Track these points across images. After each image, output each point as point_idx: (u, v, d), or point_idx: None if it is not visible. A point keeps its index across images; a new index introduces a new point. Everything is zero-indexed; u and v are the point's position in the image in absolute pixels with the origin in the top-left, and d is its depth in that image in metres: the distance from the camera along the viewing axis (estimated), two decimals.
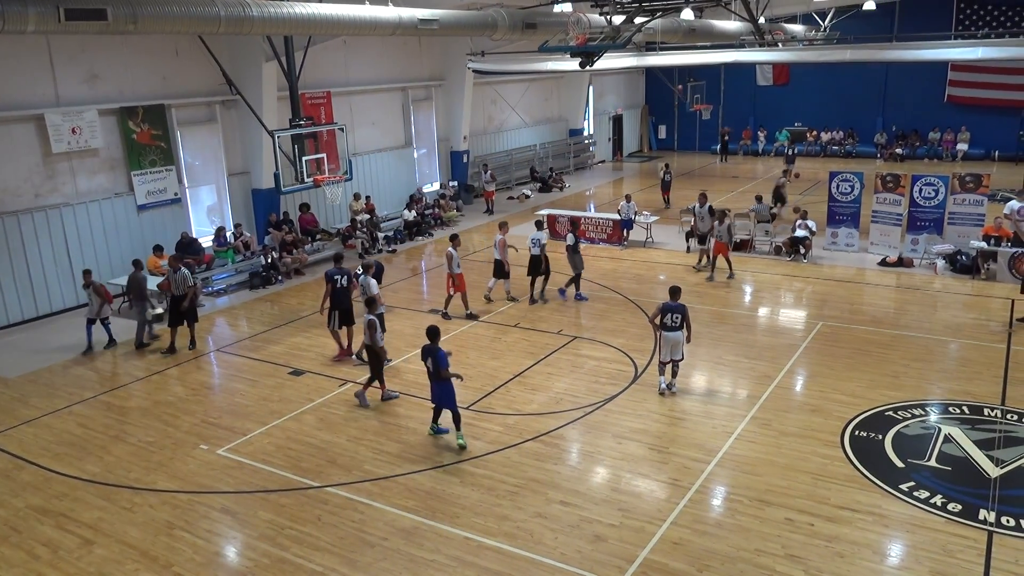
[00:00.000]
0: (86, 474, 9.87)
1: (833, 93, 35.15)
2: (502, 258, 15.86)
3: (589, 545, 8.00)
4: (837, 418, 10.51)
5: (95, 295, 13.89)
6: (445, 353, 9.96)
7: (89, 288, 13.90)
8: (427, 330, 10.13)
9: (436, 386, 10.12)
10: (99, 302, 13.92)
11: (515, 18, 17.79)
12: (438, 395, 10.17)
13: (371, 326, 11.18)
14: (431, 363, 9.97)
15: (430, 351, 9.98)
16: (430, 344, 10.01)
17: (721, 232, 17.01)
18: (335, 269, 13.17)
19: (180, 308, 13.87)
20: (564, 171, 32.86)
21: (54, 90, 15.84)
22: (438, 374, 9.90)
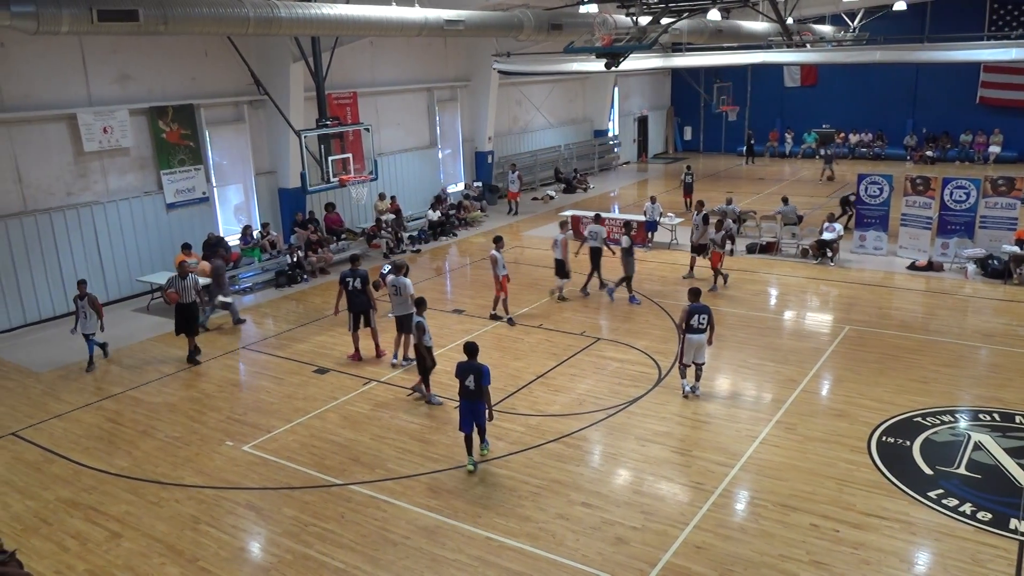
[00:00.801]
0: (114, 468, 10.02)
1: (862, 94, 34.74)
2: (563, 258, 15.97)
3: (611, 547, 7.97)
4: (864, 423, 10.39)
5: (91, 308, 13.10)
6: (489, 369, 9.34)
7: (84, 300, 13.08)
8: (466, 346, 9.48)
9: (471, 406, 9.34)
10: (95, 315, 13.14)
11: (541, 19, 17.78)
12: (472, 415, 9.37)
13: (420, 328, 11.05)
14: (473, 381, 9.22)
15: (472, 368, 9.27)
16: (471, 361, 9.34)
17: (716, 240, 16.59)
18: (348, 271, 13.12)
19: (188, 315, 13.45)
20: (589, 172, 32.79)
21: (86, 90, 16.10)
22: (480, 392, 9.22)
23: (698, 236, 17.14)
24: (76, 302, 13.18)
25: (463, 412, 9.45)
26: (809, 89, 36.27)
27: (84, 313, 13.07)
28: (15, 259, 15.22)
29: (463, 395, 9.39)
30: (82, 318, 13.11)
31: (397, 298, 12.60)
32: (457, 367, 9.43)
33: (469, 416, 9.41)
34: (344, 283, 13.03)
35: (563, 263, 15.95)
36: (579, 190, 29.64)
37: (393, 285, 12.64)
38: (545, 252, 20.36)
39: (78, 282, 13.39)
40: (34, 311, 15.64)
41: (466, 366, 9.35)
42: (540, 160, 30.74)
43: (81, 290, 13.16)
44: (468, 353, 9.43)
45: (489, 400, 9.37)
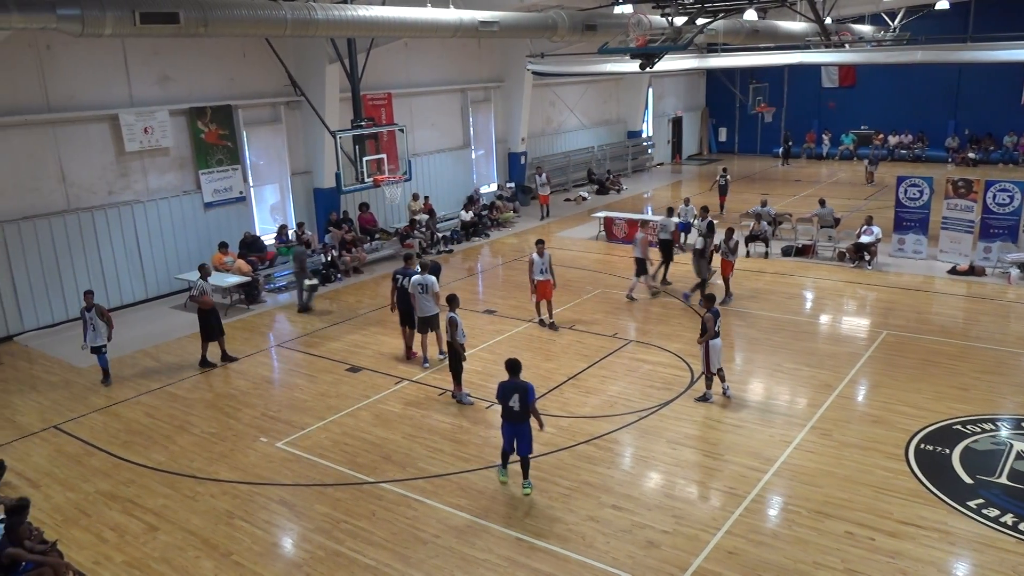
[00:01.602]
0: (152, 462, 10.20)
1: (902, 95, 34.11)
2: (643, 256, 16.08)
3: (641, 551, 7.93)
4: (901, 430, 10.20)
5: (99, 319, 12.50)
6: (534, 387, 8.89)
7: (92, 311, 12.44)
8: (508, 364, 8.96)
9: (514, 427, 8.86)
10: (105, 327, 12.56)
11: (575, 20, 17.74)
12: (515, 438, 8.91)
13: (451, 323, 11.13)
14: (518, 400, 8.70)
15: (518, 387, 8.74)
16: (515, 379, 8.83)
17: (726, 250, 15.69)
18: (400, 269, 13.43)
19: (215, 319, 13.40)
20: (622, 173, 32.65)
21: (128, 91, 16.43)
22: (525, 412, 8.76)
23: (702, 243, 16.45)
24: (83, 314, 12.55)
25: (505, 431, 8.99)
26: (847, 90, 35.70)
27: (92, 325, 12.44)
28: (58, 256, 15.58)
29: (507, 417, 8.84)
30: (90, 331, 12.48)
31: (423, 296, 12.63)
32: (499, 388, 8.89)
33: (511, 437, 8.94)
34: (395, 280, 13.28)
35: (644, 261, 16.13)
36: (612, 191, 29.52)
37: (420, 284, 12.65)
38: (577, 253, 20.34)
39: (84, 293, 12.85)
40: (76, 307, 15.91)
41: (510, 385, 8.81)
42: (573, 161, 30.67)
43: (88, 301, 12.59)
44: (511, 370, 8.89)
45: (537, 414, 8.92)
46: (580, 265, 19.13)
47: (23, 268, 15.12)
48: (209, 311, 13.27)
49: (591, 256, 20.21)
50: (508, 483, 9.20)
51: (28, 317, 15.32)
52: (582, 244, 21.55)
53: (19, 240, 15.01)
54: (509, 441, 9.01)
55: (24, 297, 15.21)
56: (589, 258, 20.02)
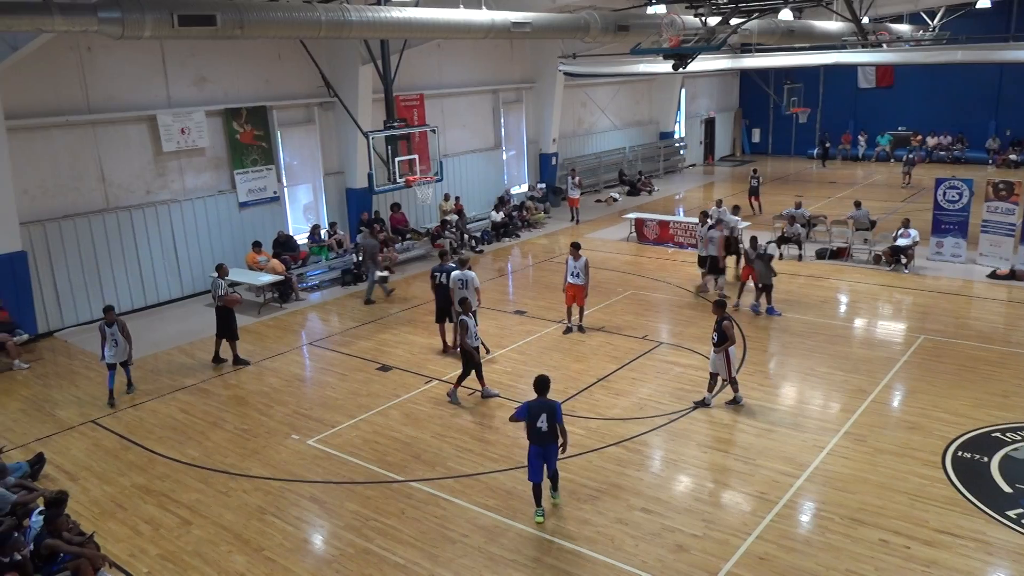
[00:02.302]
0: (186, 457, 10.37)
1: (941, 96, 33.46)
2: (718, 254, 16.27)
3: (671, 554, 7.87)
4: (938, 437, 10.01)
5: (121, 334, 12.04)
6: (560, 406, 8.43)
7: (114, 326, 11.93)
8: (537, 382, 8.47)
9: (543, 451, 8.39)
10: (126, 344, 12.15)
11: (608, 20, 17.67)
12: (544, 460, 8.42)
13: (463, 326, 11.23)
14: (546, 420, 8.25)
15: (546, 407, 8.30)
16: (543, 398, 8.38)
17: (750, 256, 15.31)
18: (437, 266, 13.71)
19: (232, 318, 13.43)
20: (653, 174, 32.45)
21: (166, 92, 16.72)
22: (553, 435, 8.34)
23: (715, 249, 16.29)
24: (103, 330, 11.93)
25: (533, 459, 8.42)
26: (884, 90, 35.12)
27: (114, 340, 11.95)
28: (97, 254, 15.90)
29: (534, 439, 8.34)
30: (111, 346, 11.96)
31: (462, 292, 12.88)
32: (525, 409, 8.37)
33: (540, 462, 8.42)
34: (433, 277, 13.54)
35: (717, 260, 16.33)
36: (643, 192, 29.36)
37: (460, 280, 12.94)
38: (608, 255, 20.26)
39: (105, 308, 12.25)
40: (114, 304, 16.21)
41: (537, 405, 8.32)
42: (604, 162, 30.56)
43: (109, 316, 12.03)
44: (539, 389, 8.41)
45: (564, 434, 8.47)
46: (610, 266, 19.05)
47: (64, 266, 15.46)
48: (230, 311, 13.41)
49: (622, 257, 20.12)
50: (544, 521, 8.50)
51: (68, 313, 15.66)
52: (613, 245, 21.46)
53: (60, 238, 15.35)
54: (537, 471, 8.43)
55: (64, 294, 15.54)
56: (620, 259, 19.93)
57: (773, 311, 15.02)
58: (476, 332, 11.47)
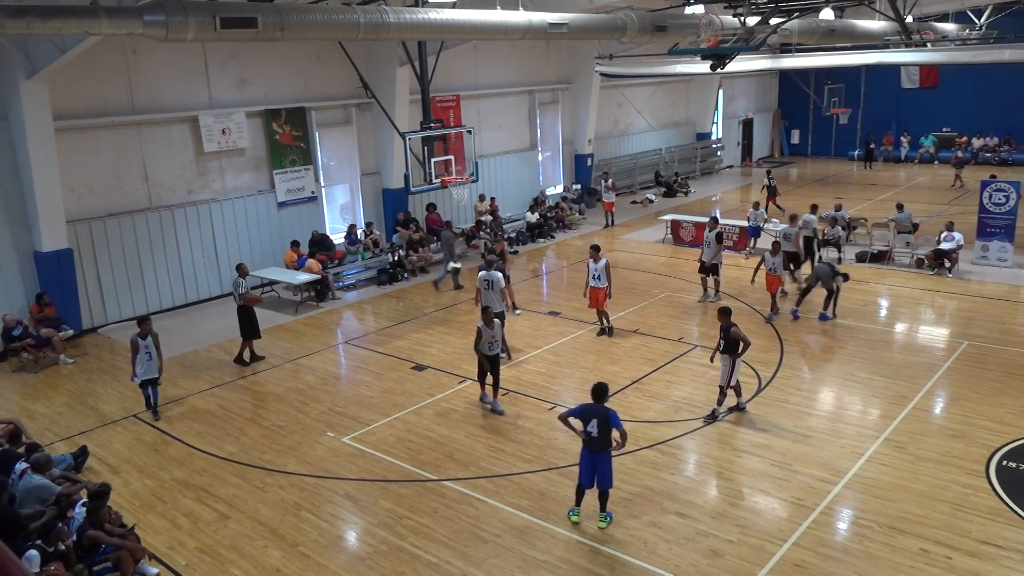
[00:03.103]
0: (224, 452, 10.53)
1: (988, 96, 32.64)
2: (797, 250, 16.52)
3: (704, 559, 7.80)
4: (982, 445, 9.77)
5: (155, 347, 11.35)
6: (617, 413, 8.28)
7: (148, 338, 11.27)
8: (593, 388, 8.40)
9: (592, 457, 8.29)
10: (158, 358, 11.46)
11: (645, 21, 17.55)
12: (594, 469, 8.31)
13: (478, 333, 11.01)
14: (596, 426, 8.15)
15: (597, 412, 8.20)
16: (597, 404, 8.27)
17: (776, 264, 14.74)
18: (484, 266, 13.74)
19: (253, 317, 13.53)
20: (690, 176, 32.17)
21: (208, 93, 17.01)
22: (605, 440, 8.19)
23: (711, 255, 15.79)
24: (136, 343, 11.25)
25: (582, 461, 8.40)
26: (928, 90, 34.37)
27: (148, 354, 11.28)
28: (140, 252, 16.24)
29: (586, 444, 8.28)
30: (144, 360, 11.29)
31: (488, 292, 13.09)
32: (580, 409, 8.36)
33: (588, 466, 8.33)
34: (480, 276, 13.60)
35: (797, 255, 16.57)
36: (679, 194, 29.13)
37: (486, 280, 13.11)
38: (643, 256, 20.15)
39: (140, 319, 11.59)
40: (156, 301, 16.64)
41: (591, 409, 8.25)
42: (640, 163, 30.38)
43: (145, 328, 11.34)
44: (595, 396, 8.33)
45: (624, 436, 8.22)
46: (646, 268, 18.94)
47: (108, 263, 15.81)
48: (250, 310, 13.51)
49: (657, 259, 19.98)
50: (580, 523, 8.49)
51: (111, 310, 16.01)
52: (648, 247, 21.33)
53: (104, 236, 15.71)
54: (586, 474, 8.36)
55: (108, 291, 15.90)
56: (655, 261, 19.80)
57: (825, 316, 14.71)
58: (494, 341, 11.08)
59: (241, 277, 13.57)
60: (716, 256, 15.88)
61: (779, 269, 14.78)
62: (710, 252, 15.87)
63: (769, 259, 14.81)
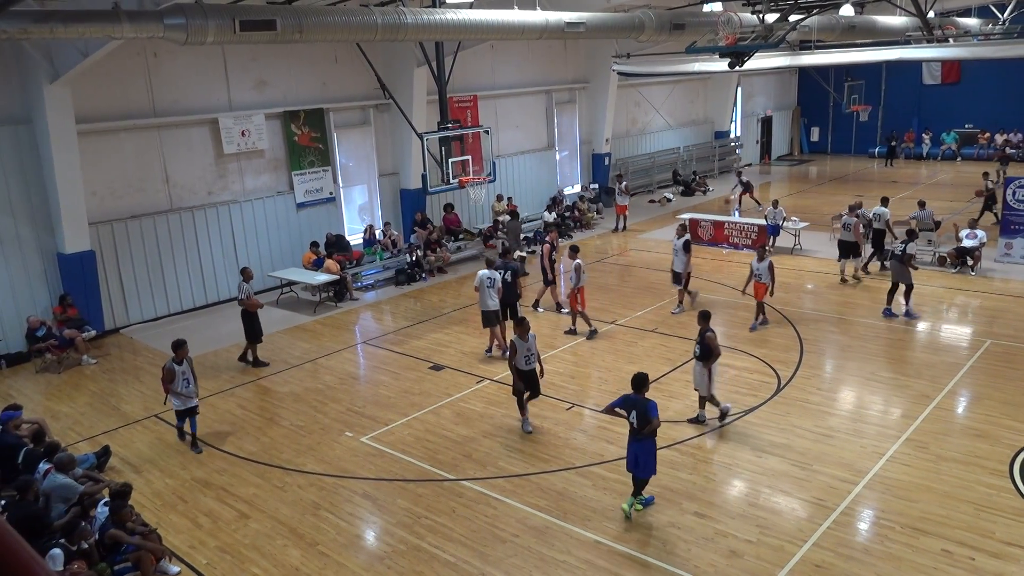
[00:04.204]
0: (243, 452, 10.61)
1: (1012, 92, 32.16)
2: (857, 240, 16.75)
3: (724, 560, 7.76)
4: (1006, 445, 9.64)
5: (191, 370, 10.61)
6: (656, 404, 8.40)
7: (184, 363, 10.52)
8: (634, 378, 8.55)
9: (633, 445, 8.48)
10: (195, 383, 10.69)
11: (662, 19, 17.48)
12: (638, 456, 8.46)
13: (512, 348, 10.51)
14: (635, 417, 8.36)
15: (636, 403, 8.39)
16: (636, 394, 8.45)
17: (762, 271, 14.10)
18: (500, 263, 13.80)
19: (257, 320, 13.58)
20: (708, 174, 31.99)
21: (227, 96, 17.16)
22: (643, 428, 8.32)
23: (681, 265, 15.21)
24: (171, 369, 10.40)
25: (628, 453, 8.62)
26: (950, 87, 33.95)
27: (186, 380, 10.50)
28: (161, 254, 16.41)
29: (630, 433, 8.53)
30: (184, 387, 10.51)
31: (489, 291, 13.21)
32: (622, 400, 8.57)
33: (632, 453, 8.53)
34: (499, 274, 13.58)
35: (856, 245, 16.73)
36: (698, 193, 28.98)
37: (488, 279, 13.27)
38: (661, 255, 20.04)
39: (176, 344, 10.64)
40: (176, 302, 16.81)
41: (631, 400, 8.46)
42: (658, 162, 30.25)
43: (181, 353, 10.54)
44: (634, 386, 8.50)
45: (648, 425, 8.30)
46: (664, 268, 18.81)
47: (130, 264, 15.99)
48: (253, 314, 13.53)
49: None
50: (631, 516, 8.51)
51: (133, 311, 16.19)
52: (666, 246, 21.12)
53: (126, 238, 15.89)
54: (630, 460, 8.57)
55: (130, 292, 16.08)
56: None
57: (911, 314, 14.47)
58: (530, 354, 10.49)
59: (245, 281, 13.58)
60: (687, 265, 15.27)
61: (765, 276, 14.06)
62: (679, 261, 15.27)
63: (755, 266, 14.22)
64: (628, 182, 24.78)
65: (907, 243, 14.50)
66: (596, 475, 9.49)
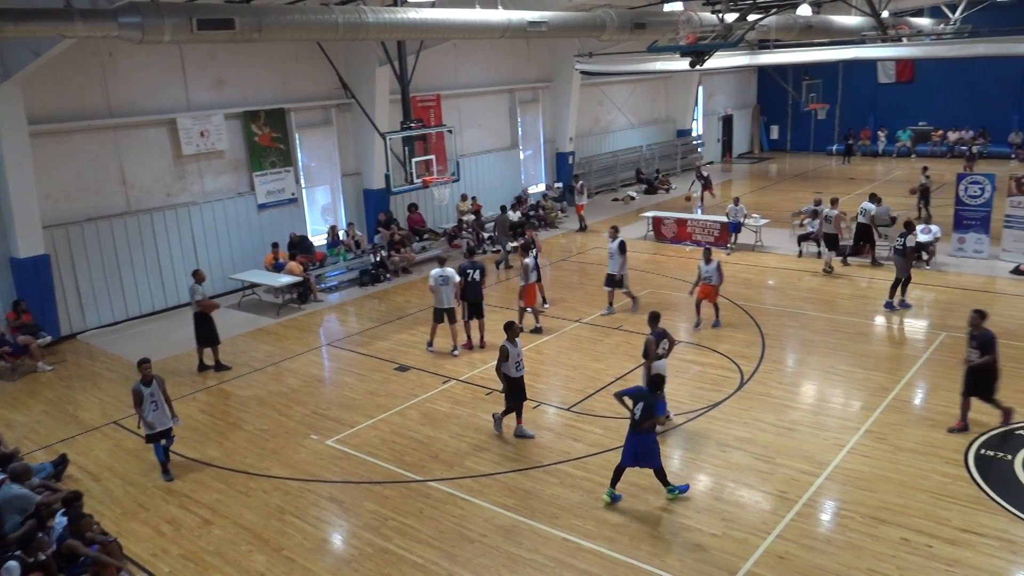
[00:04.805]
0: (206, 458, 10.46)
1: (962, 90, 33.00)
2: (837, 232, 17.61)
3: (690, 554, 7.84)
4: (961, 435, 9.88)
5: (160, 392, 9.74)
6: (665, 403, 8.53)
7: (153, 384, 9.66)
8: (652, 379, 8.91)
9: (633, 439, 8.60)
10: (165, 404, 9.80)
11: (624, 18, 17.61)
12: (635, 451, 8.59)
13: (501, 353, 10.23)
14: (641, 410, 8.47)
15: (646, 397, 8.59)
16: (651, 392, 8.68)
17: (711, 273, 14.04)
18: (467, 263, 13.75)
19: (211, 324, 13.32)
20: (671, 173, 32.30)
21: (185, 96, 16.88)
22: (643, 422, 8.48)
23: (616, 267, 14.97)
24: (140, 391, 9.57)
25: (626, 447, 8.74)
26: (904, 85, 34.72)
27: (154, 402, 9.67)
28: (119, 257, 16.08)
29: (630, 425, 8.66)
30: (152, 410, 9.64)
31: (445, 288, 13.35)
32: (635, 389, 8.86)
33: (631, 449, 8.64)
34: (464, 275, 13.56)
35: (836, 237, 17.50)
36: (661, 191, 29.24)
37: (440, 277, 13.37)
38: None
39: (140, 362, 9.86)
40: (135, 306, 16.49)
41: (643, 394, 8.67)
42: (621, 161, 30.46)
43: (146, 373, 9.68)
44: (651, 386, 8.78)
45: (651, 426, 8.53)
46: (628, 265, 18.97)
47: (86, 269, 15.65)
48: (207, 316, 13.27)
49: (640, 256, 20.02)
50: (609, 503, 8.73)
51: (90, 316, 15.85)
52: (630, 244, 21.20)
53: (82, 242, 15.54)
54: (627, 454, 8.65)
55: (86, 297, 15.73)
56: (638, 258, 19.83)
57: (905, 304, 14.93)
58: (520, 360, 10.36)
59: (197, 283, 13.26)
60: (623, 268, 15.08)
61: (714, 277, 14.03)
62: (614, 264, 15.05)
63: (703, 268, 14.10)
64: (584, 182, 24.91)
65: (906, 236, 14.81)
66: (563, 473, 9.53)
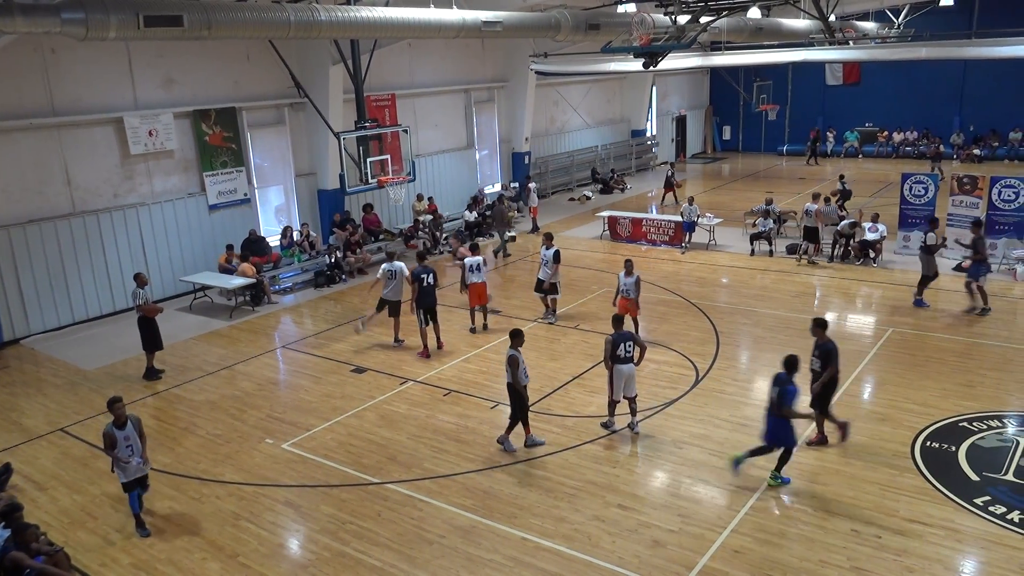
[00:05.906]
0: (158, 464, 10.20)
1: (907, 92, 34.00)
2: (817, 226, 18.13)
3: (647, 550, 7.92)
4: (907, 428, 10.17)
5: (136, 433, 8.64)
6: (796, 389, 8.74)
7: (128, 426, 8.59)
8: (786, 360, 8.95)
9: (774, 422, 8.88)
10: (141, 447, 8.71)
11: (578, 19, 17.72)
12: (775, 432, 8.88)
13: (512, 362, 9.83)
14: (777, 395, 8.77)
15: (781, 382, 8.82)
16: (785, 375, 8.86)
17: (629, 286, 13.19)
18: (420, 268, 13.55)
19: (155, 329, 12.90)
20: (626, 172, 32.60)
21: (133, 94, 16.47)
22: (779, 409, 8.75)
23: (548, 275, 14.59)
24: (112, 435, 8.50)
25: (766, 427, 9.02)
26: (851, 87, 35.60)
27: (130, 447, 8.59)
28: (64, 260, 15.62)
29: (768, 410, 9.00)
30: (127, 455, 8.57)
31: (392, 282, 13.52)
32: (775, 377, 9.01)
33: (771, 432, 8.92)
34: (419, 279, 13.36)
35: (816, 231, 18.21)
36: (616, 190, 29.50)
37: (389, 271, 13.53)
38: (581, 252, 20.33)
39: (111, 401, 8.71)
40: (82, 310, 16.04)
41: (781, 379, 8.89)
42: (577, 161, 30.64)
43: (119, 413, 8.59)
44: (787, 367, 8.92)
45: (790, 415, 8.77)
46: (584, 264, 19.12)
47: (29, 272, 15.16)
48: (151, 320, 12.90)
49: (595, 255, 20.20)
50: (778, 486, 8.94)
51: (34, 320, 15.37)
52: (586, 243, 21.54)
53: (25, 244, 15.05)
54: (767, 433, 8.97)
55: (30, 300, 15.25)
56: (593, 257, 20.01)
57: (921, 303, 15.07)
58: (526, 369, 9.97)
59: (139, 287, 12.75)
60: (555, 275, 14.69)
61: (632, 292, 13.16)
62: (546, 271, 14.65)
63: (622, 280, 13.28)
64: (535, 183, 25.01)
65: (927, 232, 15.20)
66: (521, 472, 9.55)
